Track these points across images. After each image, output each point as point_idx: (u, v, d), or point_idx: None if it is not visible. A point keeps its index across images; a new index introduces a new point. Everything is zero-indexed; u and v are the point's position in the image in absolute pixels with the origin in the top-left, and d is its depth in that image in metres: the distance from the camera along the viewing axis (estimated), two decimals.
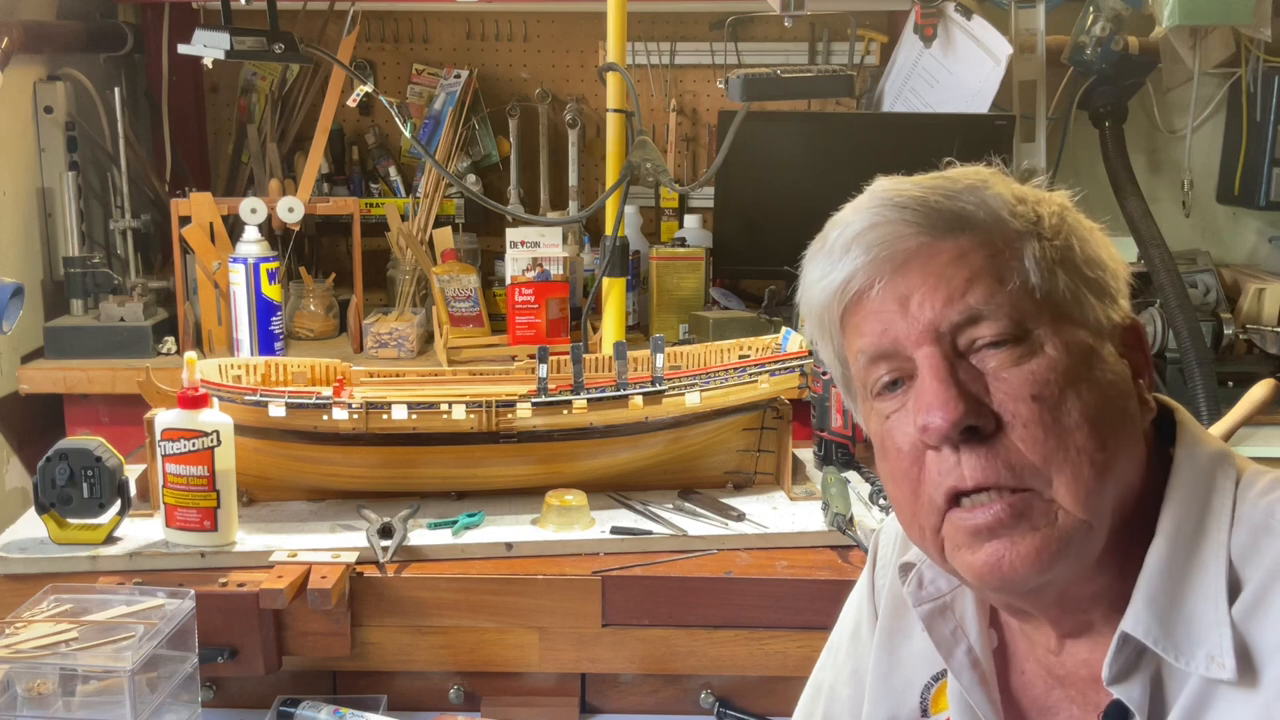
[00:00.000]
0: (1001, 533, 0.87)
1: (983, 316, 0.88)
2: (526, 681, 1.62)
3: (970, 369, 0.88)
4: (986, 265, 0.89)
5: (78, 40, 2.80)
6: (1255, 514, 0.88)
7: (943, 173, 0.96)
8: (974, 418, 0.86)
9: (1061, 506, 0.86)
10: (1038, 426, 0.86)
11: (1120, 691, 0.88)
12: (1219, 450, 0.93)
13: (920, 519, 0.92)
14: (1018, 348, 0.87)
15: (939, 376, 0.87)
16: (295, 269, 2.77)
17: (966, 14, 2.75)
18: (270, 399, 1.64)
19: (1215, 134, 2.99)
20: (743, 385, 1.75)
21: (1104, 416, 0.87)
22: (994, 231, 0.90)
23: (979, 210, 0.91)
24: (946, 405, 0.86)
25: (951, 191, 0.92)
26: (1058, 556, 0.86)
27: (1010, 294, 0.88)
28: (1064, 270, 0.90)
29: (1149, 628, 0.86)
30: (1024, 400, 0.86)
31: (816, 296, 0.95)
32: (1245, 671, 0.83)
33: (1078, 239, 0.92)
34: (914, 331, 0.89)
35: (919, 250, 0.90)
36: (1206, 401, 2.38)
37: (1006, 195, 0.92)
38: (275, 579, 1.51)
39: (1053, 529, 0.86)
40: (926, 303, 0.89)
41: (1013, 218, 0.91)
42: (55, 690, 1.35)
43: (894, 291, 0.90)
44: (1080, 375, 0.87)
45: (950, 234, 0.90)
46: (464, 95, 2.99)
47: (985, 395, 0.87)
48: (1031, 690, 1.00)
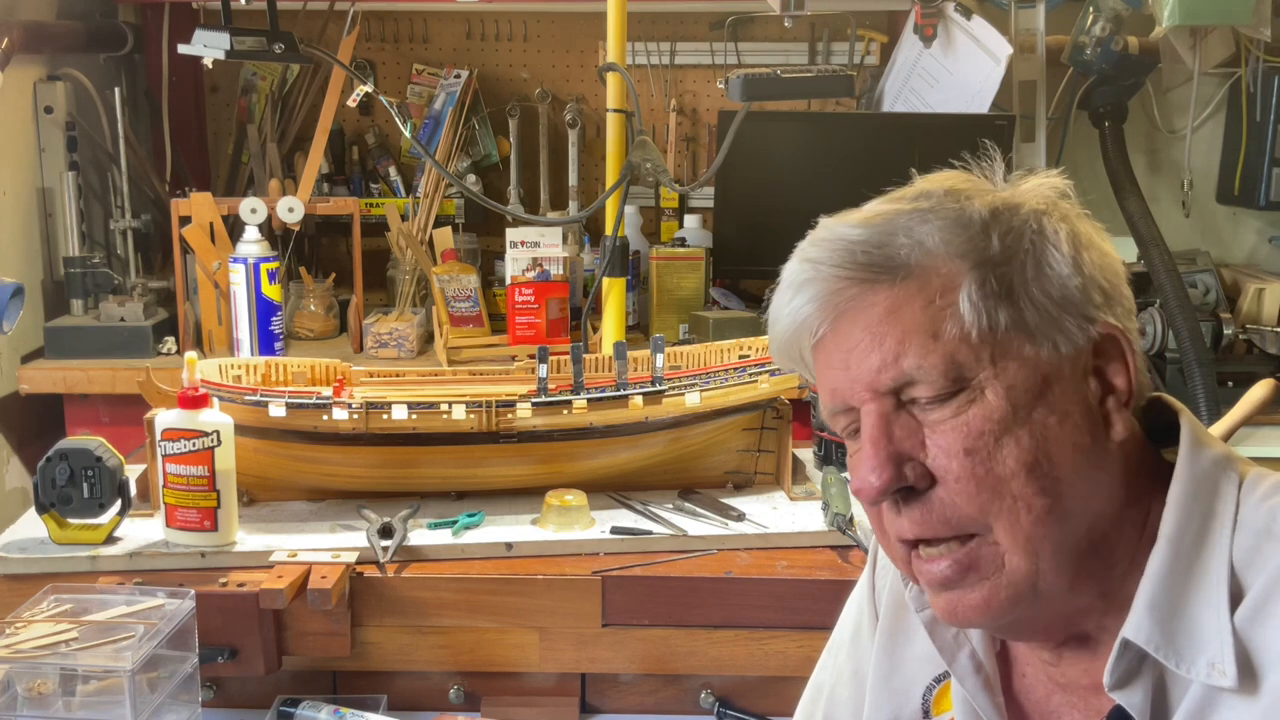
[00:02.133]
0: (951, 586, 0.90)
1: (915, 380, 0.87)
2: (526, 681, 1.62)
3: (909, 421, 0.89)
4: (919, 320, 0.87)
5: (78, 40, 2.80)
6: (1257, 519, 0.87)
7: (897, 196, 0.94)
8: (904, 480, 0.88)
9: (1005, 549, 0.87)
10: (969, 481, 0.86)
11: (1122, 698, 0.88)
12: (1221, 454, 0.92)
13: (893, 553, 0.95)
14: (954, 400, 0.87)
15: (872, 438, 0.89)
16: (295, 269, 2.77)
17: (966, 14, 2.75)
18: (270, 399, 1.64)
19: (1215, 134, 2.99)
20: (743, 385, 1.75)
21: (1046, 459, 0.86)
22: (931, 275, 0.88)
23: (913, 253, 0.89)
24: (876, 471, 0.88)
25: (887, 233, 0.90)
26: (1009, 604, 0.89)
27: (945, 346, 0.87)
28: (1010, 302, 0.87)
29: (1150, 634, 0.86)
30: (956, 455, 0.86)
31: (779, 333, 0.97)
32: (1246, 678, 0.83)
33: (1035, 259, 0.88)
34: (856, 389, 0.90)
35: (852, 304, 0.90)
36: (1206, 401, 2.38)
37: (948, 225, 0.89)
38: (275, 579, 1.51)
39: (1000, 576, 0.88)
40: (863, 363, 0.89)
41: (951, 255, 0.88)
42: (55, 690, 1.35)
43: (837, 344, 0.91)
44: (1019, 419, 0.86)
45: (884, 282, 0.89)
46: (464, 95, 2.99)
47: (920, 450, 0.88)
48: (1033, 694, 1.00)
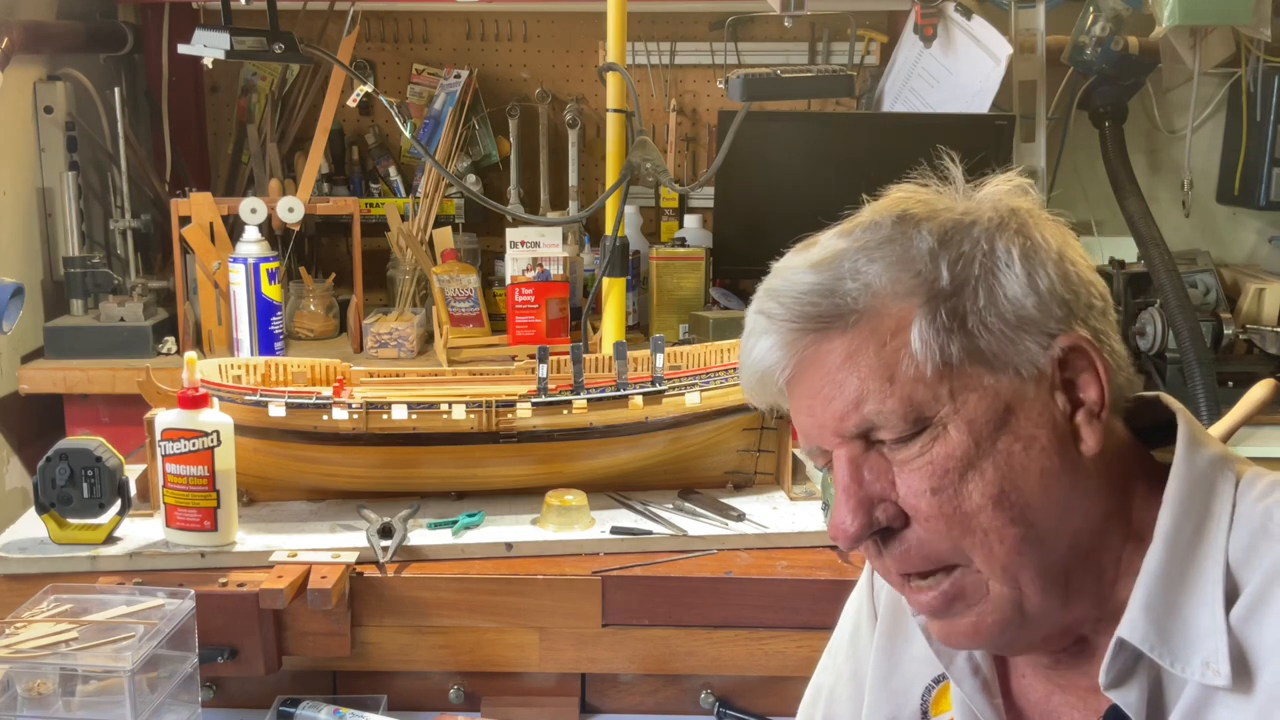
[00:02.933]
0: (940, 615, 0.92)
1: (877, 425, 0.88)
2: (526, 681, 1.62)
3: (879, 461, 0.90)
4: (875, 365, 0.88)
5: (78, 40, 2.80)
6: (1253, 517, 0.87)
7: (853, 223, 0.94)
8: (877, 524, 0.90)
9: (989, 579, 0.88)
10: (939, 520, 0.87)
11: (1118, 697, 0.88)
12: (1218, 453, 0.92)
13: (887, 579, 0.96)
14: (918, 439, 0.88)
15: (843, 485, 0.90)
16: (295, 269, 2.77)
17: (966, 14, 2.75)
18: (270, 399, 1.64)
19: (1215, 134, 2.99)
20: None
21: (1013, 488, 0.86)
22: (882, 317, 0.88)
23: (861, 297, 0.89)
24: (848, 517, 0.89)
25: (837, 277, 0.90)
26: (996, 629, 0.90)
27: (901, 389, 0.87)
28: (963, 333, 0.87)
29: (1146, 634, 0.86)
30: (923, 495, 0.87)
31: (747, 383, 0.97)
32: (1241, 676, 0.83)
33: (988, 283, 0.88)
34: (824, 434, 0.92)
35: (809, 353, 0.91)
36: (1206, 401, 2.38)
37: (895, 262, 0.89)
38: (275, 579, 1.51)
39: (986, 603, 0.89)
40: (826, 411, 0.90)
41: (900, 294, 0.88)
42: (55, 690, 1.35)
43: (803, 390, 0.92)
44: (984, 452, 0.86)
45: (836, 328, 0.89)
46: (464, 95, 2.99)
47: (891, 490, 0.89)
48: (1033, 694, 1.00)
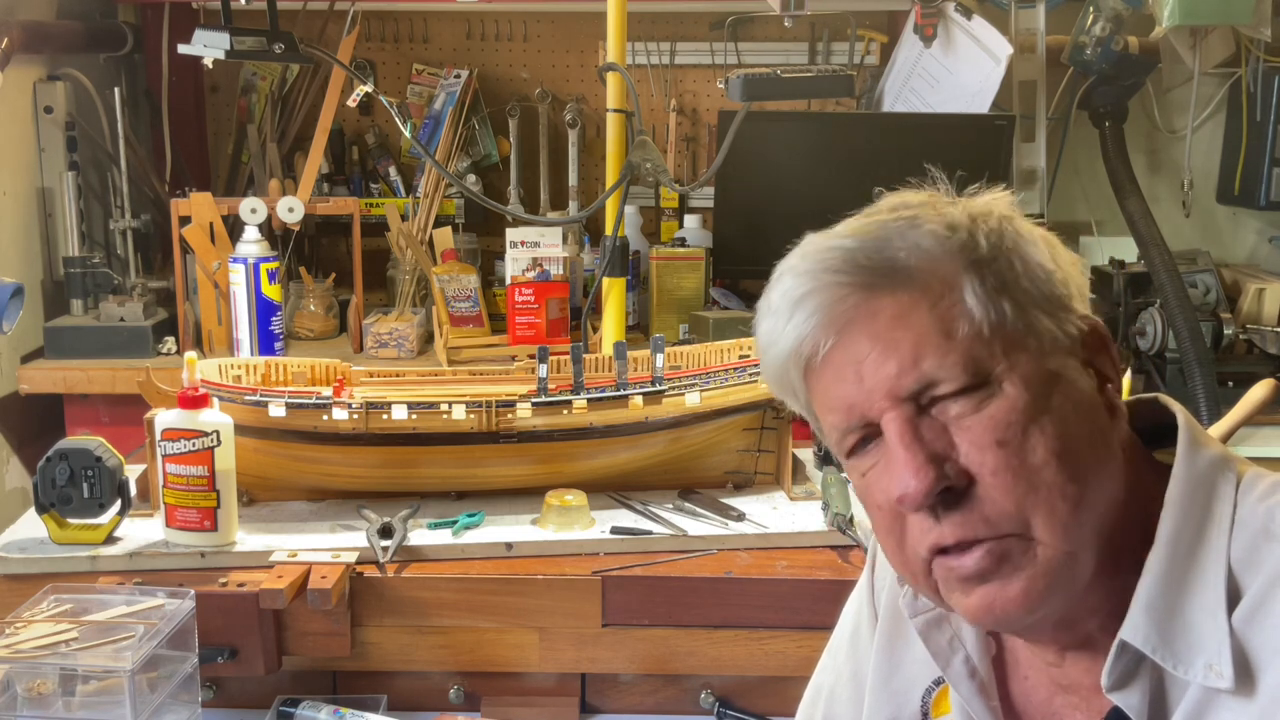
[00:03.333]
0: (989, 578, 0.88)
1: (938, 380, 0.87)
2: (526, 681, 1.62)
3: (933, 423, 0.88)
4: (930, 322, 0.87)
5: (78, 40, 2.80)
6: (1255, 519, 0.87)
7: (875, 211, 0.94)
8: (945, 480, 0.86)
9: (1041, 542, 0.87)
10: (1006, 473, 0.86)
11: (1119, 699, 0.88)
12: (1219, 454, 0.92)
13: (911, 567, 0.93)
14: (976, 394, 0.86)
15: (905, 443, 0.87)
16: (295, 269, 2.77)
17: (966, 14, 2.75)
18: (270, 399, 1.64)
19: (1215, 134, 2.99)
20: (743, 385, 1.75)
21: (1071, 446, 0.86)
22: (930, 276, 0.88)
23: (911, 256, 0.89)
24: (917, 474, 0.86)
25: (882, 240, 0.90)
26: (1046, 593, 0.87)
27: (960, 344, 0.87)
28: (1008, 297, 0.88)
29: (1147, 636, 0.86)
30: (989, 448, 0.86)
31: (770, 360, 0.95)
32: (1243, 679, 0.83)
33: (1019, 256, 0.90)
34: (874, 399, 0.88)
35: (858, 312, 0.89)
36: (1206, 401, 2.39)
37: (938, 229, 0.90)
38: (275, 579, 1.51)
39: (1036, 567, 0.87)
40: (880, 371, 0.88)
41: (947, 255, 0.89)
42: (55, 690, 1.35)
43: (846, 355, 0.89)
44: (1041, 408, 0.86)
45: (886, 288, 0.88)
46: (464, 95, 2.99)
47: (951, 450, 0.87)
48: (1035, 696, 0.99)
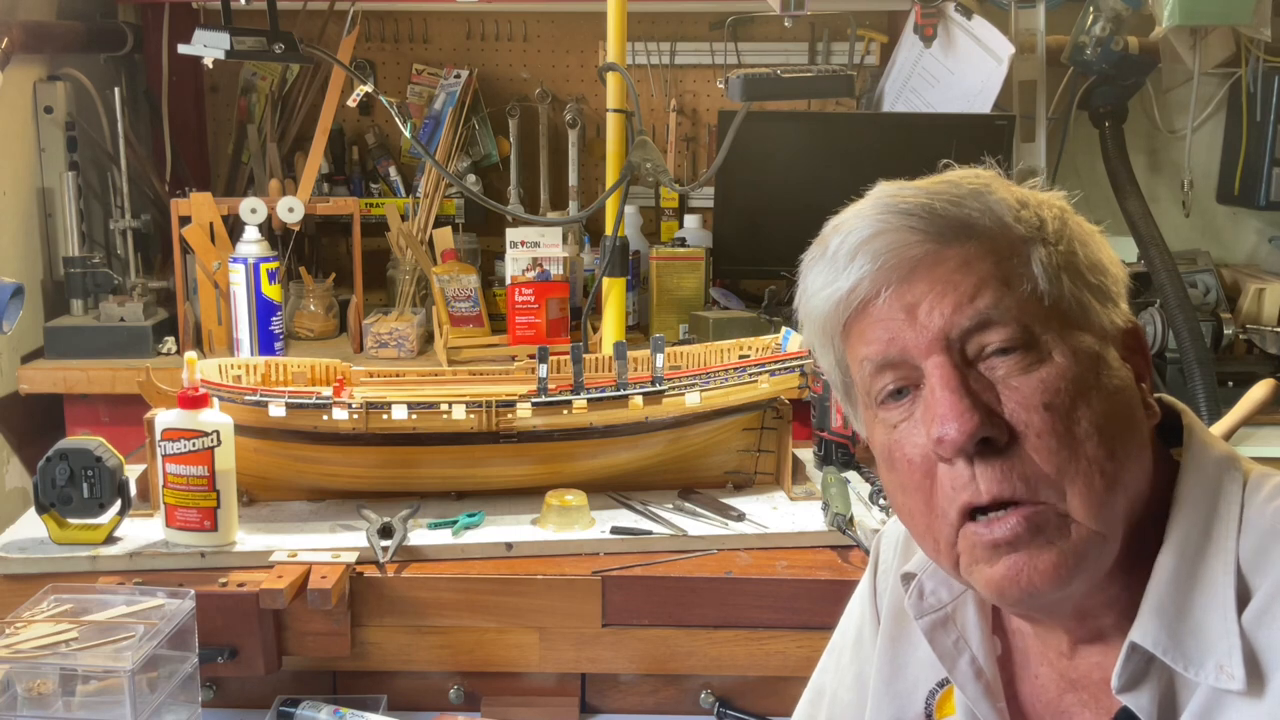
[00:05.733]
0: (1020, 546, 0.86)
1: (992, 321, 0.86)
2: (526, 681, 1.62)
3: (980, 378, 0.87)
4: (994, 271, 0.87)
5: (78, 40, 2.80)
6: (1263, 519, 0.87)
7: (944, 176, 0.95)
8: (989, 429, 0.85)
9: (1075, 519, 0.85)
10: (1051, 436, 0.85)
11: (1130, 700, 0.88)
12: (1225, 454, 0.92)
13: (934, 532, 0.90)
14: (1027, 354, 0.86)
15: (950, 386, 0.86)
16: (295, 269, 2.77)
17: (967, 14, 2.75)
18: (270, 399, 1.64)
19: (1215, 134, 2.99)
20: (743, 385, 1.75)
21: (1112, 425, 0.86)
22: (999, 238, 0.89)
23: (984, 217, 0.90)
24: (961, 417, 0.84)
25: (956, 197, 0.90)
26: (1075, 570, 0.86)
27: (1018, 298, 0.87)
28: (1069, 276, 0.89)
29: (1157, 638, 0.86)
30: (1036, 409, 0.85)
31: (819, 305, 0.93)
32: (1253, 679, 0.83)
33: (1080, 243, 0.92)
34: (923, 340, 0.87)
35: (925, 258, 0.88)
36: (1206, 401, 2.38)
37: (1010, 200, 0.91)
38: (275, 579, 1.51)
39: (1068, 542, 0.86)
40: (935, 309, 0.87)
41: (1017, 223, 0.90)
42: (55, 690, 1.35)
43: (900, 300, 0.89)
44: (1089, 383, 0.86)
45: (956, 241, 0.89)
46: (464, 95, 2.99)
47: (997, 404, 0.86)
48: (1045, 694, 0.99)
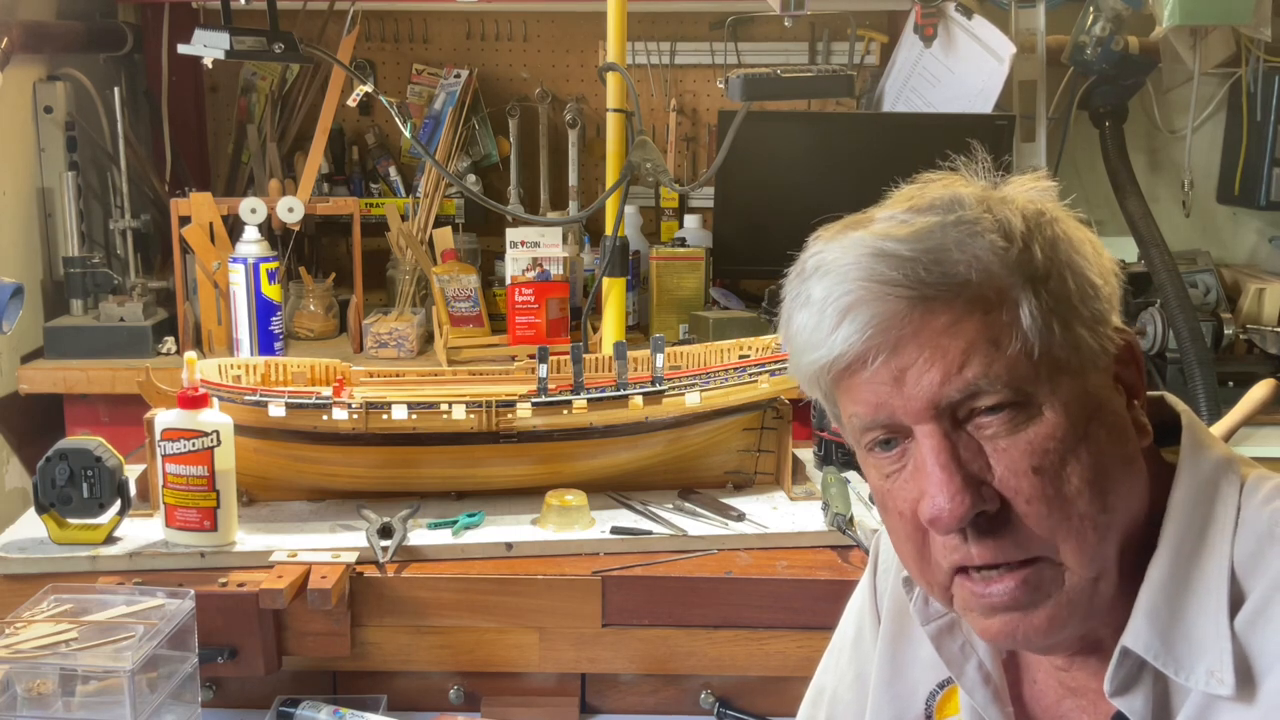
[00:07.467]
0: (1022, 604, 0.86)
1: (981, 391, 0.84)
2: (526, 681, 1.62)
3: (968, 440, 0.85)
4: (981, 330, 0.84)
5: (78, 40, 2.80)
6: (1259, 523, 0.87)
7: (929, 197, 0.90)
8: (980, 504, 0.84)
9: (1068, 567, 0.86)
10: (1041, 502, 0.84)
11: (1122, 704, 0.88)
12: (1223, 456, 0.92)
13: (928, 576, 0.91)
14: (1016, 413, 0.84)
15: (941, 462, 0.84)
16: (295, 269, 2.77)
17: (967, 14, 2.75)
18: (270, 399, 1.64)
19: (1215, 134, 2.99)
20: (743, 385, 1.75)
21: (1104, 473, 0.85)
22: (988, 289, 0.85)
23: (971, 270, 0.85)
24: (954, 499, 0.83)
25: (940, 249, 0.85)
26: (1070, 619, 0.87)
27: (1008, 361, 0.83)
28: (1059, 321, 0.85)
29: (1149, 643, 0.86)
30: (1025, 474, 0.84)
31: (805, 364, 0.90)
32: (1244, 685, 0.83)
33: (1070, 267, 0.87)
34: (911, 407, 0.85)
35: (912, 323, 0.84)
36: (1206, 401, 2.39)
37: (996, 239, 0.85)
38: (275, 579, 1.51)
39: (1062, 593, 0.86)
40: (923, 379, 0.84)
41: (1004, 270, 0.85)
42: (55, 690, 1.35)
43: (888, 368, 0.86)
44: (1079, 435, 0.85)
45: (942, 301, 0.84)
46: (464, 95, 2.99)
47: (986, 471, 0.85)
48: (1044, 699, 0.99)
